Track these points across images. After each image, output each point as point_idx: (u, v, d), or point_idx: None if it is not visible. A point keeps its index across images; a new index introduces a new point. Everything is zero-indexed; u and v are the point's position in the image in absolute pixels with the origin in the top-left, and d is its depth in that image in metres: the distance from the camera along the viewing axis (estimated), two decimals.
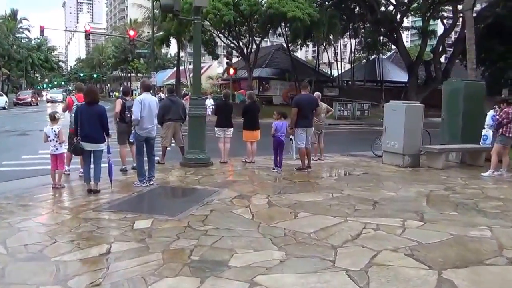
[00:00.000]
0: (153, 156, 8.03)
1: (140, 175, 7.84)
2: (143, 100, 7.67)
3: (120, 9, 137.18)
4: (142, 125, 7.64)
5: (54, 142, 7.65)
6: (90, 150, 7.18)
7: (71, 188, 7.76)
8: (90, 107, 7.10)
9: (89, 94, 7.23)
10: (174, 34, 36.27)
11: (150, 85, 8.28)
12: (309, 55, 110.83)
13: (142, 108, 7.59)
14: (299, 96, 9.62)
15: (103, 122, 7.13)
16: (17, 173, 9.04)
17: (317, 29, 31.31)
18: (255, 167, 9.93)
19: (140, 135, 7.73)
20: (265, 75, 41.46)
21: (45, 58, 72.81)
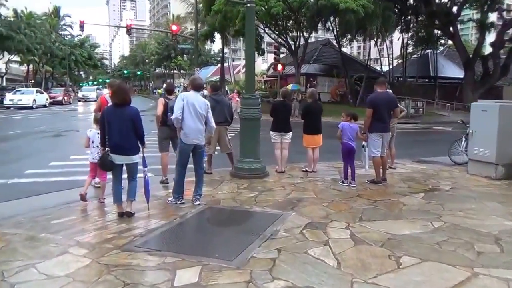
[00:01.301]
0: (200, 169, 6.56)
1: (176, 191, 6.44)
2: (186, 98, 6.22)
3: (163, 6, 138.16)
4: (186, 129, 6.19)
5: (98, 149, 6.37)
6: (121, 164, 5.80)
7: (99, 208, 6.38)
8: (119, 110, 5.67)
9: (118, 93, 5.75)
10: (218, 28, 34.96)
11: (202, 84, 6.70)
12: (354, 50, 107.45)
13: (184, 107, 6.13)
14: (375, 95, 7.90)
15: (136, 128, 5.69)
16: (40, 186, 7.79)
17: (370, 22, 29.12)
18: (319, 179, 8.30)
19: (185, 143, 6.26)
20: (313, 71, 39.64)
21: (88, 55, 73.71)
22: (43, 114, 27.82)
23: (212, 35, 40.83)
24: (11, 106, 32.64)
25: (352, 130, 7.79)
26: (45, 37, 52.90)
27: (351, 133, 7.77)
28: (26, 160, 10.46)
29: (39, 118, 25.04)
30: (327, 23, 35.08)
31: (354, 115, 7.95)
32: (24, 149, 12.64)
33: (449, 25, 32.84)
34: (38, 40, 48.38)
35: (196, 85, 6.52)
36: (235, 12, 28.23)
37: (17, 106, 32.74)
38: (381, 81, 8.26)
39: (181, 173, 6.42)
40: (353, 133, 7.79)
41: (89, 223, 5.54)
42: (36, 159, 10.65)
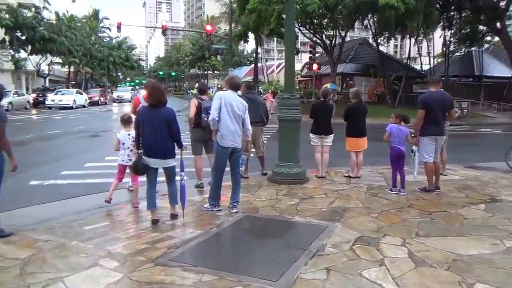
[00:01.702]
0: (237, 174, 6.10)
1: (213, 198, 6.03)
2: (223, 97, 5.79)
3: (197, 7, 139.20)
4: (223, 130, 5.76)
5: (128, 150, 6.17)
6: (156, 167, 5.43)
7: (133, 213, 6.03)
8: (154, 111, 5.32)
9: (153, 94, 5.40)
10: (252, 28, 34.57)
11: (239, 83, 6.29)
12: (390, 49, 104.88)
13: (221, 107, 5.71)
14: (428, 94, 7.22)
15: (172, 130, 5.33)
16: (75, 188, 7.56)
17: (411, 19, 27.99)
18: (364, 185, 7.70)
19: (222, 146, 5.82)
20: (349, 71, 38.66)
21: (125, 57, 75.15)
22: (82, 114, 28.22)
23: (246, 35, 40.49)
24: (53, 106, 33.46)
25: (401, 133, 7.15)
26: (85, 39, 54.08)
27: (400, 136, 7.14)
28: (62, 161, 10.36)
29: (78, 118, 25.37)
30: (364, 21, 34.06)
31: (405, 117, 7.30)
32: (62, 149, 12.61)
33: (496, 20, 31.20)
34: (78, 42, 49.47)
35: (234, 84, 6.05)
36: (270, 11, 27.76)
37: (58, 106, 33.55)
38: (435, 79, 7.54)
39: (218, 179, 6.01)
40: (403, 136, 7.15)
41: (121, 230, 5.18)
42: (72, 160, 10.51)
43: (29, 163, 9.46)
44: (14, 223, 5.36)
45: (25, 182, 7.88)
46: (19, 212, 6.00)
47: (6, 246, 4.56)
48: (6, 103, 30.20)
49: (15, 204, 6.21)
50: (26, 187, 7.63)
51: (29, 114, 28.67)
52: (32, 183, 7.94)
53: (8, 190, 6.95)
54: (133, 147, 6.12)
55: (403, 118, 7.28)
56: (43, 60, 46.42)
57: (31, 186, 7.77)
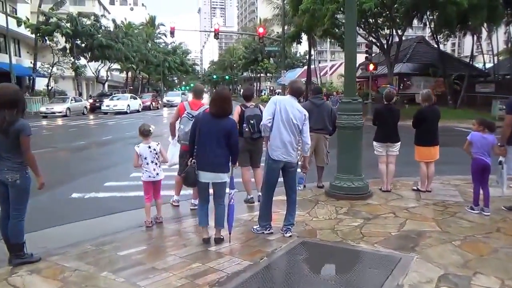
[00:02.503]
0: (293, 193, 5.29)
1: (262, 218, 5.30)
2: (279, 102, 5.03)
3: (250, 11, 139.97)
4: (274, 141, 5.01)
5: (153, 164, 5.55)
6: (208, 182, 4.84)
7: (186, 233, 5.41)
8: (216, 121, 4.74)
9: (218, 102, 4.78)
10: (305, 29, 33.67)
11: (302, 89, 5.52)
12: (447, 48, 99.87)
13: (275, 113, 4.97)
14: None
15: (231, 144, 4.77)
16: (117, 202, 7.09)
17: (474, 15, 26.00)
18: (437, 202, 6.67)
19: (273, 158, 5.06)
20: (406, 71, 36.74)
21: (180, 62, 76.64)
22: (135, 119, 28.44)
23: (299, 36, 39.69)
24: (108, 112, 34.24)
25: (486, 142, 6.08)
26: (141, 45, 55.47)
27: (484, 146, 6.07)
28: (108, 170, 9.98)
29: (131, 123, 25.47)
30: (423, 18, 32.16)
31: (490, 125, 6.20)
32: (111, 156, 12.34)
33: None
34: (135, 48, 50.78)
35: (296, 89, 5.28)
36: (323, 11, 26.79)
37: (112, 111, 34.23)
38: None
39: (268, 196, 5.27)
40: (487, 146, 6.08)
41: (159, 258, 4.54)
42: (119, 169, 10.10)
43: (75, 173, 9.17)
44: (46, 244, 4.93)
45: (67, 194, 7.53)
46: (53, 231, 5.57)
47: (30, 277, 4.04)
48: (64, 109, 31.25)
49: (51, 221, 5.80)
50: (66, 201, 7.25)
51: (85, 119, 29.35)
52: (73, 195, 7.55)
53: (46, 204, 6.70)
54: (157, 160, 5.63)
55: (488, 125, 6.20)
56: (102, 66, 47.90)
57: (72, 199, 7.37)
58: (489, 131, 6.19)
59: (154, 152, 5.62)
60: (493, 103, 26.54)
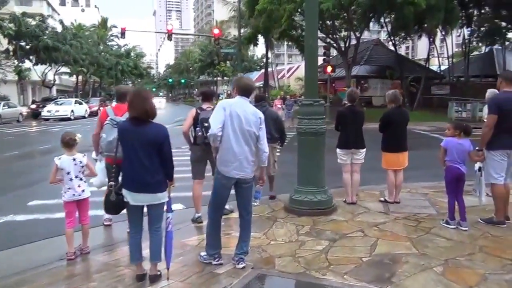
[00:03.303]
0: (248, 214, 4.37)
1: (211, 247, 4.36)
2: (229, 107, 4.12)
3: (206, 14, 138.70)
4: (225, 154, 4.11)
5: (78, 180, 4.53)
6: (141, 205, 3.89)
7: (117, 267, 4.38)
8: (140, 128, 3.75)
9: (136, 103, 3.77)
10: (262, 30, 32.99)
11: (252, 87, 4.44)
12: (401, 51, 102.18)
13: (226, 120, 4.05)
14: (503, 96, 5.46)
15: (164, 155, 3.80)
16: (40, 227, 5.97)
17: (432, 16, 26.12)
18: (408, 215, 5.97)
19: (224, 174, 4.16)
20: (364, 73, 36.81)
21: (134, 65, 74.46)
22: (82, 126, 26.70)
23: (256, 38, 39.01)
24: (49, 118, 31.28)
25: (462, 149, 5.43)
26: (92, 48, 53.20)
27: (460, 153, 5.42)
28: (36, 186, 8.57)
29: (77, 130, 23.79)
30: (380, 20, 32.24)
31: (466, 129, 5.55)
32: (43, 169, 10.74)
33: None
34: (85, 51, 48.54)
35: (244, 87, 4.30)
36: (280, 12, 26.16)
37: (54, 117, 31.27)
38: (509, 76, 5.71)
39: (216, 219, 4.36)
40: (464, 153, 5.43)
41: None
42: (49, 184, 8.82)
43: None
44: None
45: None
46: None
47: None
48: None
49: None
50: None
51: (23, 126, 27.15)
52: None
53: None
54: (82, 175, 4.62)
55: (464, 129, 5.54)
56: (49, 69, 45.43)
57: None
58: (465, 135, 5.54)
59: (80, 165, 4.58)
60: (449, 105, 26.79)
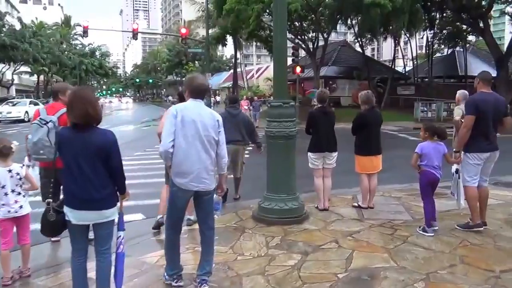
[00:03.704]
0: (210, 230, 3.91)
1: (170, 267, 3.89)
2: (181, 112, 3.64)
3: (174, 13, 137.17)
4: (180, 164, 3.63)
5: (14, 195, 3.97)
6: (86, 224, 3.32)
7: None
8: (80, 134, 3.20)
9: (76, 106, 3.20)
10: (230, 30, 32.64)
11: (205, 88, 3.92)
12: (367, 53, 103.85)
13: (177, 128, 3.59)
14: (480, 97, 5.23)
15: (112, 166, 3.26)
16: None
17: (397, 18, 26.35)
18: (383, 221, 5.66)
19: (179, 187, 3.67)
20: (332, 74, 36.95)
21: (99, 64, 72.56)
22: None
23: (224, 39, 38.62)
24: (1, 120, 28.99)
25: (437, 153, 5.17)
26: (54, 46, 51.37)
27: (436, 157, 5.17)
28: None
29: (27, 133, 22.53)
30: (348, 21, 32.35)
31: (440, 132, 5.29)
32: None
33: (479, 19, 29.91)
34: (46, 50, 46.76)
35: (196, 88, 3.78)
36: (248, 11, 25.80)
37: (6, 119, 29.03)
38: (486, 77, 5.50)
39: (173, 238, 3.87)
40: (440, 157, 5.19)
41: None
42: None
43: None
44: None
45: None
46: None
47: None
48: None
49: None
50: None
51: None
52: None
53: None
54: (20, 188, 4.02)
55: (438, 133, 5.27)
56: (7, 68, 43.51)
57: None
58: (439, 139, 5.29)
59: (17, 177, 4.01)
60: (415, 105, 27.09)
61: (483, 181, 5.37)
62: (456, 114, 6.62)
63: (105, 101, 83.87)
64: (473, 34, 37.47)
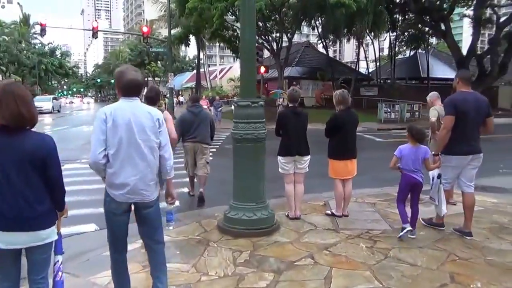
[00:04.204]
0: (158, 244, 3.32)
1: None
2: (112, 114, 3.04)
3: (137, 13, 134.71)
4: (113, 175, 3.05)
5: None
6: (17, 249, 2.69)
7: None
8: (12, 140, 2.58)
9: (6, 105, 2.56)
10: (193, 30, 31.86)
11: (139, 83, 3.23)
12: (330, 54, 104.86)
13: (108, 134, 3.02)
14: (460, 96, 4.88)
15: (49, 176, 2.67)
16: None
17: (361, 18, 26.38)
18: (360, 232, 5.20)
19: (113, 198, 3.09)
20: (295, 74, 36.80)
21: (59, 64, 70.46)
22: None
23: (187, 38, 37.76)
24: None
25: (416, 156, 4.84)
26: (12, 45, 49.27)
27: (413, 161, 4.85)
28: None
29: None
30: (312, 22, 32.20)
31: (418, 135, 4.94)
32: None
33: (440, 22, 30.45)
34: (3, 48, 44.82)
35: (127, 84, 3.15)
36: (212, 10, 25.14)
37: None
38: (465, 75, 5.13)
39: (118, 261, 3.27)
40: (419, 160, 4.86)
41: None
42: None
43: None
44: None
45: None
46: None
47: None
48: None
49: None
50: None
51: None
52: None
53: None
54: None
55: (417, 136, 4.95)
56: None
57: None
58: (419, 142, 4.94)
59: None
60: (378, 106, 27.18)
61: (467, 186, 5.05)
62: (431, 116, 6.31)
63: (66, 101, 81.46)
64: (435, 37, 38.22)
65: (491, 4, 31.33)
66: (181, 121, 7.05)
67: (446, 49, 48.70)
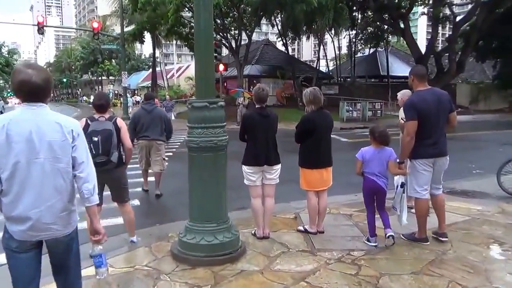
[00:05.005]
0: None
1: None
2: (3, 130, 2.19)
3: (89, 10, 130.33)
4: (6, 205, 2.24)
5: None
6: None
7: None
8: None
9: None
10: (147, 26, 30.50)
11: (31, 84, 2.28)
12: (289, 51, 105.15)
13: (2, 151, 2.20)
14: (418, 97, 4.41)
15: None
16: None
17: (322, 15, 25.88)
18: (341, 255, 4.41)
19: (13, 236, 2.27)
20: (255, 73, 36.04)
21: (5, 62, 66.76)
22: None
23: (142, 35, 36.20)
24: None
25: (379, 159, 4.45)
26: None
27: (377, 164, 4.44)
28: None
29: None
30: (271, 18, 31.52)
31: (382, 137, 4.50)
32: None
33: (399, 20, 30.58)
34: None
35: (18, 85, 2.32)
36: (167, 5, 23.98)
37: None
38: (420, 71, 4.68)
39: None
40: (383, 164, 4.45)
41: None
42: None
43: None
44: None
45: None
46: None
47: None
48: None
49: None
50: None
51: None
52: None
53: None
54: None
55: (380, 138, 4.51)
56: None
57: None
58: (383, 145, 4.43)
59: None
60: (340, 104, 26.89)
61: (435, 189, 4.68)
62: (402, 116, 5.69)
63: (15, 101, 77.58)
64: (394, 35, 38.46)
65: (447, 3, 31.72)
66: (134, 118, 7.13)
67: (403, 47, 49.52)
